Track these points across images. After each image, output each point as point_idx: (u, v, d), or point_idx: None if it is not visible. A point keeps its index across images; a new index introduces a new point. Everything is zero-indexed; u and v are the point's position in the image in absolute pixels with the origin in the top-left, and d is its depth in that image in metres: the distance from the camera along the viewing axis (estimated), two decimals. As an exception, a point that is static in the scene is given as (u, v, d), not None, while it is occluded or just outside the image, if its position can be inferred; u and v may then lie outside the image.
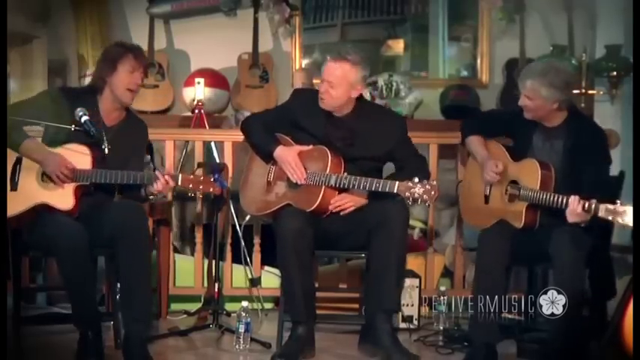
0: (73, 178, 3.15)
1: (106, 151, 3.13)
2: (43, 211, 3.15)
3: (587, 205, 2.99)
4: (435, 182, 3.12)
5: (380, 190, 3.21)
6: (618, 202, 2.94)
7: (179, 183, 3.16)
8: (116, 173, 3.16)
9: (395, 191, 3.16)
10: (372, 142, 3.38)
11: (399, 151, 3.43)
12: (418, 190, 3.10)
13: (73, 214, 3.17)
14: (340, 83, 3.33)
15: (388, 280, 3.24)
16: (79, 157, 3.19)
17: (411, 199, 3.13)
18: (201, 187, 3.16)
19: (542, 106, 3.26)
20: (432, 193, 3.09)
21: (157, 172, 3.18)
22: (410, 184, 3.12)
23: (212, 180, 3.17)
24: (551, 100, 3.23)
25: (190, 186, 3.16)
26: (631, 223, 2.89)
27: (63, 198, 3.16)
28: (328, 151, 3.34)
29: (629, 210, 2.90)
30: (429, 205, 3.19)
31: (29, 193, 3.15)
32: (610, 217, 2.94)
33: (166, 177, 3.13)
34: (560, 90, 3.23)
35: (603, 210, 2.95)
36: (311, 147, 3.39)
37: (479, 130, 3.53)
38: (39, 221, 3.13)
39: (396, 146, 3.42)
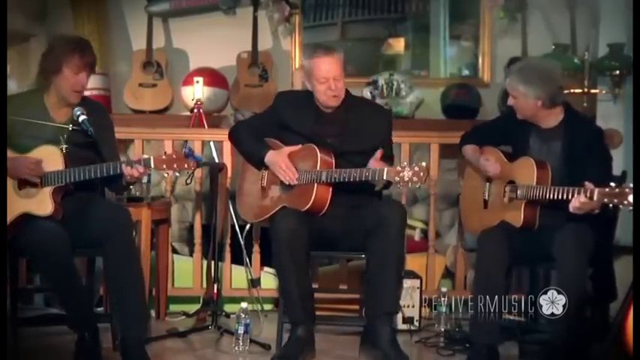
0: (42, 175, 3.10)
1: (64, 150, 3.10)
2: (26, 218, 3.10)
3: (589, 192, 2.94)
4: (424, 164, 3.09)
5: (370, 178, 3.18)
6: (612, 184, 2.89)
7: (152, 166, 3.09)
8: (87, 169, 3.10)
9: (384, 177, 3.13)
10: (363, 135, 3.37)
11: (379, 148, 3.38)
12: (407, 173, 3.07)
13: (55, 217, 3.12)
14: (342, 76, 3.36)
15: (386, 282, 3.24)
16: (51, 157, 3.14)
17: (401, 182, 3.10)
18: (175, 165, 3.08)
19: (525, 104, 3.26)
20: (422, 174, 3.07)
21: (124, 162, 3.10)
22: (398, 168, 3.10)
23: (184, 156, 3.10)
24: (531, 97, 3.23)
25: (164, 166, 3.09)
26: (626, 202, 2.83)
27: (41, 204, 3.11)
28: (317, 149, 3.32)
29: (624, 190, 2.83)
30: (419, 186, 3.16)
31: (10, 205, 3.08)
32: (606, 200, 2.89)
33: (136, 166, 3.05)
34: (538, 85, 3.21)
35: (598, 194, 2.91)
36: (299, 147, 3.38)
37: (475, 142, 3.54)
38: (21, 229, 3.08)
39: (383, 141, 3.41)
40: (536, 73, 3.24)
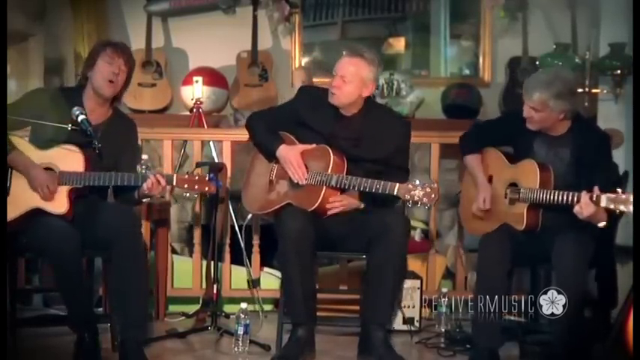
0: (57, 187, 3.11)
1: (97, 150, 3.10)
2: (36, 214, 3.11)
3: (594, 196, 2.94)
4: (435, 185, 3.09)
5: (380, 191, 3.18)
6: (619, 190, 2.89)
7: (174, 183, 3.15)
8: (107, 175, 3.14)
9: (395, 193, 3.13)
10: (377, 144, 3.35)
11: (393, 158, 3.39)
12: (418, 192, 3.07)
13: (67, 216, 3.13)
14: (353, 79, 3.30)
15: (383, 294, 3.24)
16: (71, 157, 3.16)
17: (410, 201, 3.10)
18: (196, 186, 3.15)
19: (549, 118, 3.20)
20: (432, 196, 3.06)
21: (147, 172, 3.16)
22: (410, 186, 3.09)
23: (207, 179, 3.14)
24: (557, 111, 3.18)
25: (186, 186, 3.15)
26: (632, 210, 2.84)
27: (57, 202, 3.12)
28: (331, 151, 3.30)
29: (630, 197, 2.85)
30: (428, 207, 3.16)
31: (22, 198, 3.11)
32: (612, 206, 2.89)
33: (158, 176, 3.11)
34: (567, 100, 3.17)
35: (605, 200, 2.90)
36: (314, 146, 3.36)
37: (477, 145, 3.50)
38: (32, 225, 3.10)
39: (395, 152, 3.39)
40: (568, 88, 3.18)
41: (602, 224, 3.02)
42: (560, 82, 3.18)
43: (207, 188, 3.15)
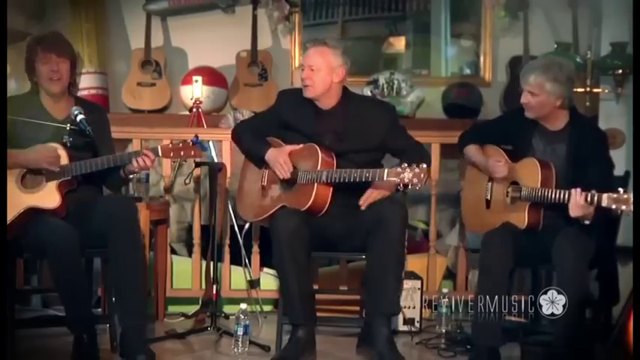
0: (60, 165, 3.15)
1: (68, 144, 3.17)
2: (30, 214, 3.11)
3: (589, 196, 2.93)
4: (424, 166, 3.07)
5: (370, 179, 3.17)
6: (621, 190, 2.88)
7: (160, 154, 3.20)
8: (95, 161, 3.16)
9: (385, 178, 3.12)
10: (363, 134, 3.35)
11: (391, 141, 3.39)
12: (407, 174, 3.06)
13: (60, 212, 3.14)
14: (321, 67, 3.34)
15: (386, 282, 3.21)
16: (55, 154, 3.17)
17: (401, 184, 3.09)
18: (182, 152, 3.21)
19: (545, 103, 3.21)
20: (422, 176, 3.05)
21: (133, 151, 3.22)
22: (399, 169, 3.08)
23: (191, 144, 3.20)
24: (555, 96, 3.20)
25: (171, 154, 3.22)
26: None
27: (48, 197, 3.14)
28: (318, 148, 3.31)
29: (632, 197, 2.84)
30: (419, 188, 3.15)
31: (12, 201, 3.10)
32: (614, 206, 2.88)
33: (145, 152, 3.16)
34: (564, 85, 3.20)
35: (606, 199, 2.90)
36: (301, 146, 3.36)
37: (475, 141, 3.52)
38: (28, 225, 3.09)
39: (388, 136, 3.38)
40: (565, 73, 3.21)
41: (587, 222, 3.02)
42: (556, 67, 3.22)
43: (193, 152, 3.21)
